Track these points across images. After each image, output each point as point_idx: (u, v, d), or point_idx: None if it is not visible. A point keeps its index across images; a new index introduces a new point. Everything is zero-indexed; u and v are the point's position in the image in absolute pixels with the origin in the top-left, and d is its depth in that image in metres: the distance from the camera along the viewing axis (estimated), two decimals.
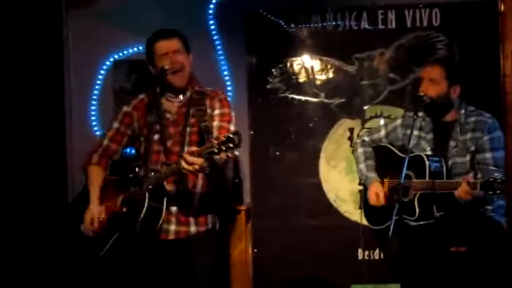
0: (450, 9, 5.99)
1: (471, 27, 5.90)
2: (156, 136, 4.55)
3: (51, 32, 6.14)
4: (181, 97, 4.63)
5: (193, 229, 4.58)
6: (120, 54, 6.24)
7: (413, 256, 4.74)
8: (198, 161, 4.14)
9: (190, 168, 4.16)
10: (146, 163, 4.36)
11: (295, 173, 6.16)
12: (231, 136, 4.03)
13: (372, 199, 5.08)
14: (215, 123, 4.54)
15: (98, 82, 6.27)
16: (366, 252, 6.02)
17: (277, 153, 6.18)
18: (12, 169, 5.76)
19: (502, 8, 5.64)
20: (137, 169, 4.49)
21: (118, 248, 4.51)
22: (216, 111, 4.59)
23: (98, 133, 6.22)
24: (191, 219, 4.59)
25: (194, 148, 4.21)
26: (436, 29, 6.01)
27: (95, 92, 6.27)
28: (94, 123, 6.26)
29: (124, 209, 4.53)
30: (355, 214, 6.01)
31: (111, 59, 6.25)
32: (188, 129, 4.55)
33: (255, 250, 6.10)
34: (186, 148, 4.48)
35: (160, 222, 4.44)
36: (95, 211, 4.57)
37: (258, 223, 6.12)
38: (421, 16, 6.03)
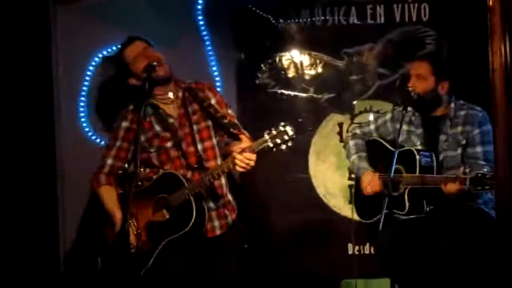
0: (439, 4, 6.01)
1: (460, 22, 5.92)
2: (169, 144, 4.54)
3: (38, 27, 6.10)
4: (170, 94, 4.58)
5: (229, 219, 4.62)
6: (109, 50, 6.21)
7: (403, 250, 4.75)
8: (253, 157, 4.21)
9: (245, 165, 4.23)
10: (135, 159, 4.31)
11: (285, 168, 6.16)
12: (281, 129, 4.07)
13: (366, 189, 5.07)
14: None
15: (87, 78, 6.24)
16: (357, 247, 6.04)
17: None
18: (0, 168, 5.75)
19: (491, 3, 5.64)
20: (126, 165, 4.48)
21: (166, 256, 4.43)
22: (212, 101, 4.60)
23: (87, 129, 6.20)
24: (226, 211, 4.61)
25: (243, 145, 4.26)
26: (424, 24, 6.04)
27: (84, 88, 6.24)
28: (83, 119, 6.23)
29: (167, 216, 4.45)
30: (345, 209, 6.04)
31: (100, 55, 6.23)
32: (195, 127, 4.55)
33: (246, 246, 6.09)
34: (199, 146, 4.52)
35: (206, 222, 4.45)
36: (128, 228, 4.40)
37: (248, 218, 6.11)
38: (410, 10, 6.06)
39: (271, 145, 4.08)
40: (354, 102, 6.14)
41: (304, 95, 6.17)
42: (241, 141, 4.41)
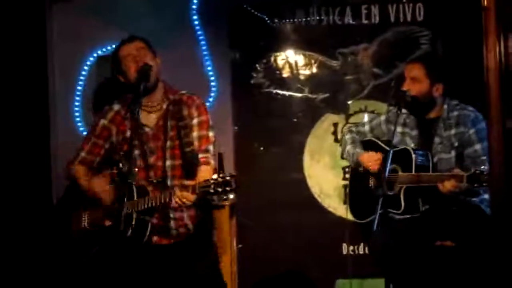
0: (434, 4, 6.02)
1: (454, 21, 5.93)
2: (137, 152, 4.50)
3: (34, 27, 6.10)
4: (155, 103, 4.56)
5: (189, 229, 4.57)
6: (104, 49, 6.20)
7: (398, 250, 4.74)
8: (190, 197, 4.16)
9: (181, 203, 4.20)
10: (129, 159, 4.31)
11: (280, 168, 6.16)
12: (227, 178, 4.01)
13: (370, 163, 5.04)
14: (195, 134, 4.51)
15: (82, 78, 6.24)
16: (351, 247, 6.04)
17: (262, 149, 6.18)
18: None
19: (486, 3, 5.65)
20: (121, 164, 4.47)
21: (102, 258, 4.46)
22: (195, 120, 4.54)
23: (82, 129, 6.20)
24: (186, 220, 4.56)
25: (188, 182, 4.20)
26: (419, 24, 6.04)
27: (79, 88, 6.24)
28: (78, 119, 6.23)
29: (108, 223, 4.49)
30: (340, 209, 6.03)
31: (95, 55, 6.22)
32: (168, 143, 4.51)
33: (240, 246, 6.09)
34: (168, 162, 4.49)
35: (147, 234, 4.41)
36: (105, 187, 4.52)
37: (242, 218, 6.11)
38: (405, 11, 6.06)
39: (212, 191, 4.05)
40: (349, 102, 6.14)
41: (299, 95, 6.17)
42: (194, 174, 4.37)
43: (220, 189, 4.01)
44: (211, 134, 4.55)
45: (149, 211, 4.37)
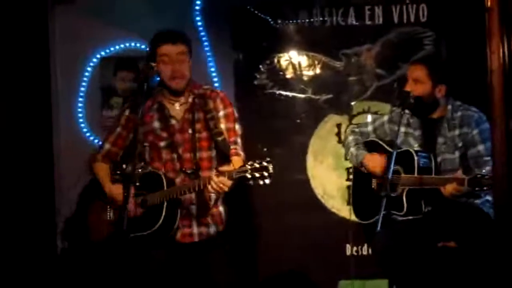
0: (437, 5, 6.01)
1: (458, 22, 5.92)
2: (162, 143, 4.58)
3: (37, 28, 6.10)
4: (182, 99, 4.63)
5: (212, 230, 4.62)
6: (107, 50, 6.20)
7: (401, 251, 4.74)
8: (227, 182, 4.18)
9: (218, 189, 4.21)
10: (133, 159, 4.32)
11: (283, 169, 6.13)
12: (265, 164, 4.04)
13: (373, 165, 5.04)
14: (222, 126, 4.58)
15: (85, 79, 6.24)
16: (354, 248, 6.03)
17: (265, 150, 6.17)
18: None
19: (489, 3, 5.64)
20: (124, 165, 4.49)
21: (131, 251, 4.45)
22: (221, 113, 4.62)
23: (85, 129, 6.20)
24: (209, 220, 4.62)
25: (224, 168, 4.24)
26: (423, 24, 6.03)
27: (82, 89, 6.24)
28: (81, 120, 6.23)
29: (139, 213, 4.52)
30: (343, 210, 6.02)
31: (98, 56, 6.22)
32: (196, 135, 4.56)
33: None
34: (198, 154, 4.53)
35: (175, 227, 4.48)
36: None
37: (245, 220, 6.10)
38: (408, 11, 6.05)
39: (249, 176, 4.08)
40: (352, 103, 6.13)
41: (302, 96, 6.16)
42: (229, 162, 4.42)
43: (257, 174, 4.04)
44: (237, 126, 4.64)
45: (178, 204, 4.44)
